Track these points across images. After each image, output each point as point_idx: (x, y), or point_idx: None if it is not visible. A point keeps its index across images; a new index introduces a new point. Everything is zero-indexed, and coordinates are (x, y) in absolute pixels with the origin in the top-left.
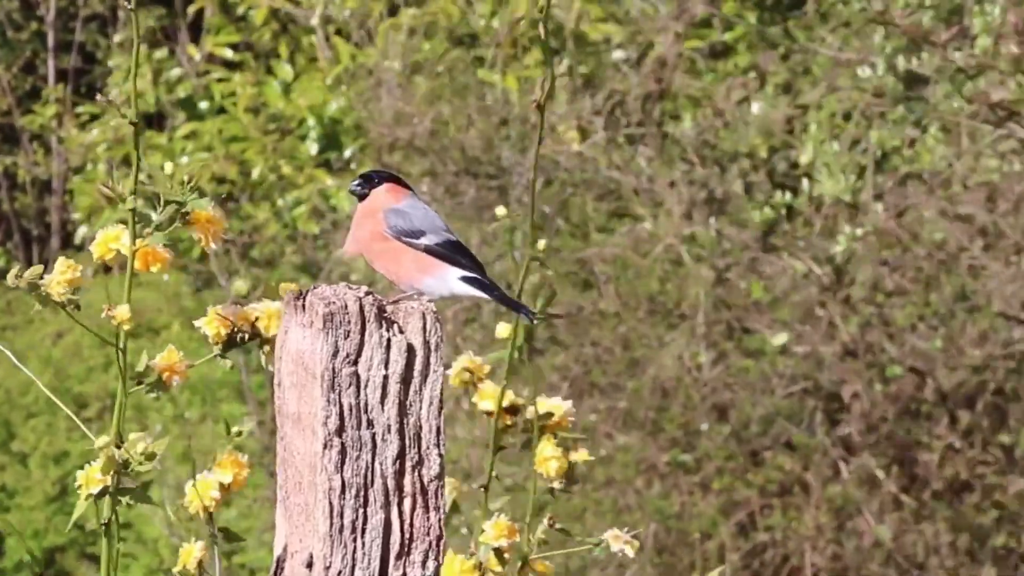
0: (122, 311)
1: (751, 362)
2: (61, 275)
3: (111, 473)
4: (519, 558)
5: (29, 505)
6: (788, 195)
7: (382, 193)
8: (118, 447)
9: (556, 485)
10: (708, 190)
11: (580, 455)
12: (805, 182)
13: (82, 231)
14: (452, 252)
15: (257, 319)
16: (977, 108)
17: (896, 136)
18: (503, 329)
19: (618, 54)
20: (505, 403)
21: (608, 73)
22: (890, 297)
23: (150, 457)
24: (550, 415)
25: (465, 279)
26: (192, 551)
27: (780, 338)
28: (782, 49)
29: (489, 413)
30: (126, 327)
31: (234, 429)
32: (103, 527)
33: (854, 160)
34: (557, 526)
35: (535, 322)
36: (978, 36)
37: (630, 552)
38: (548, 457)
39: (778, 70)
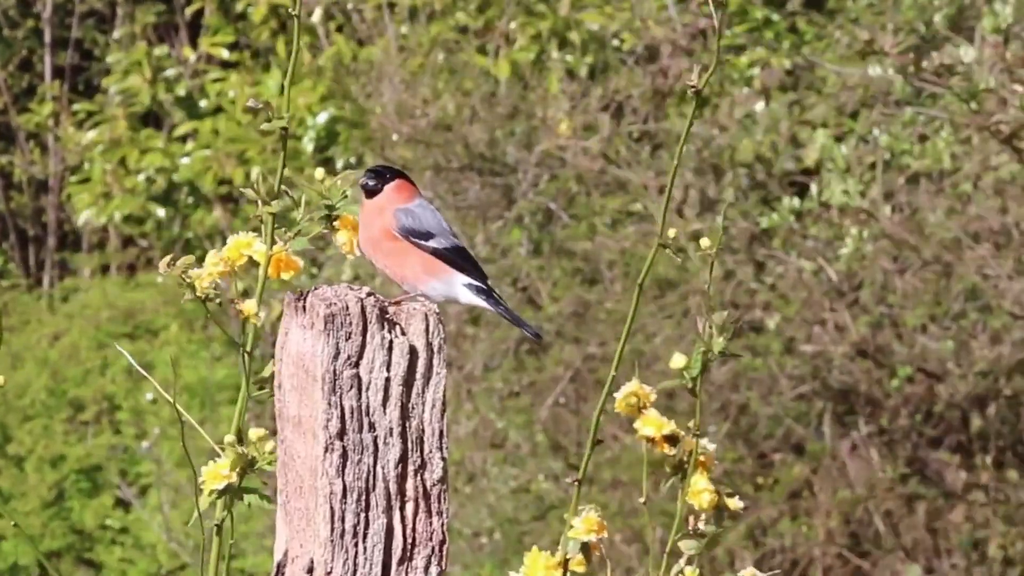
0: (249, 304)
1: (760, 361)
2: (212, 267)
3: (237, 470)
4: None
5: (25, 510)
6: (796, 200)
7: (392, 190)
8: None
9: (702, 524)
10: (702, 192)
11: (732, 502)
12: (813, 187)
13: (85, 216)
14: (459, 258)
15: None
16: (983, 121)
17: (905, 141)
18: (678, 360)
19: (617, 42)
20: (666, 431)
21: (613, 63)
22: (894, 294)
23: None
24: (703, 451)
25: (471, 287)
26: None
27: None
28: (786, 55)
29: (650, 440)
30: (253, 321)
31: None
32: (216, 527)
33: (863, 159)
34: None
35: (540, 340)
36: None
37: None
38: (702, 490)
39: (783, 62)
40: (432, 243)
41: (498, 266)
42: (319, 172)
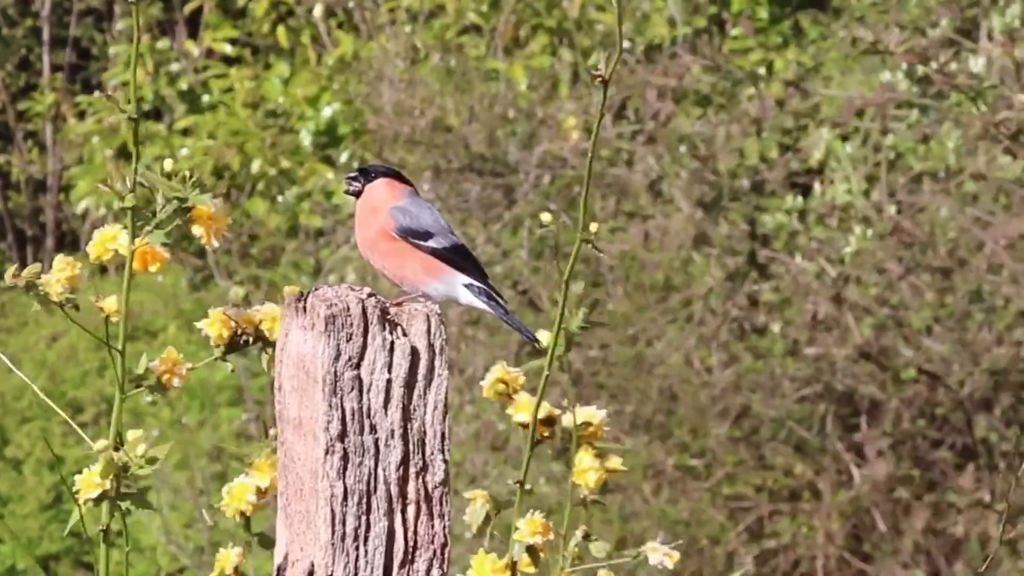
0: (110, 302)
1: (761, 363)
2: (60, 273)
3: (110, 477)
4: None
5: (23, 513)
6: (800, 200)
7: (381, 189)
8: (117, 450)
9: (591, 496)
10: (702, 194)
11: (613, 463)
12: (817, 186)
13: (84, 204)
14: (459, 257)
15: (261, 321)
16: (990, 118)
17: (910, 140)
18: (543, 336)
19: (627, 44)
20: (541, 415)
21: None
22: (897, 293)
23: (150, 461)
24: (587, 424)
25: (472, 288)
26: (229, 556)
27: None
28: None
29: (524, 425)
30: (115, 319)
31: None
32: (101, 533)
33: (868, 159)
34: (593, 538)
35: (539, 346)
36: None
37: (669, 564)
38: (587, 468)
39: (788, 63)
40: (431, 243)
41: (499, 268)
42: (168, 163)
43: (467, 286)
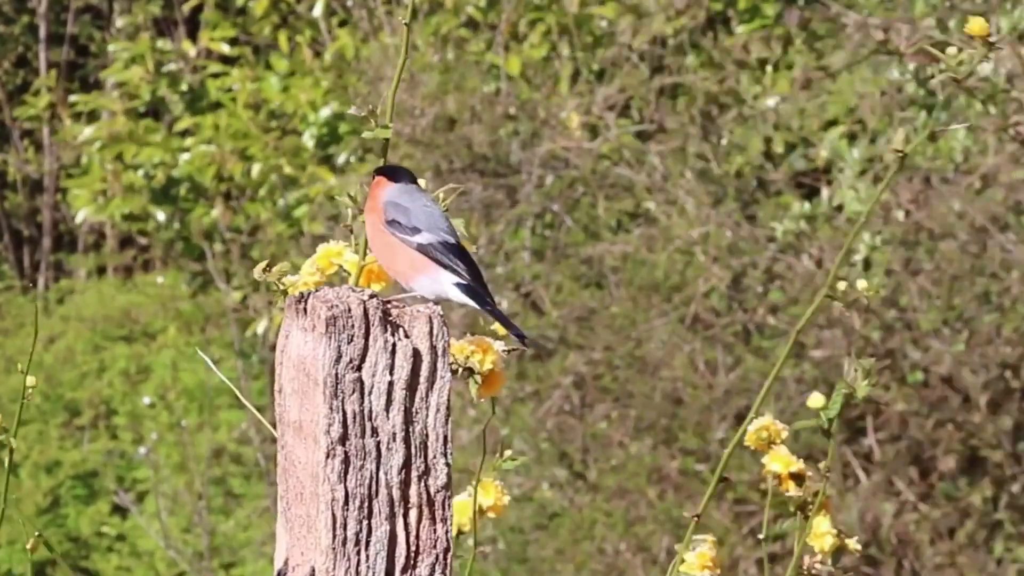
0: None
1: (766, 365)
2: (309, 276)
3: None
4: None
5: (20, 517)
6: (807, 205)
7: (375, 186)
8: None
9: (819, 565)
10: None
11: (852, 543)
12: (824, 191)
13: (81, 215)
14: (446, 254)
15: (471, 354)
16: (1003, 123)
17: (920, 143)
18: (816, 400)
19: (624, 38)
20: (793, 469)
21: (617, 59)
22: (904, 294)
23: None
24: (828, 496)
25: (459, 286)
26: None
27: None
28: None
29: (776, 476)
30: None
31: (507, 454)
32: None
33: (875, 156)
34: None
35: (527, 343)
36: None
37: None
38: (824, 532)
39: (798, 53)
40: (418, 238)
41: (500, 270)
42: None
43: (455, 284)
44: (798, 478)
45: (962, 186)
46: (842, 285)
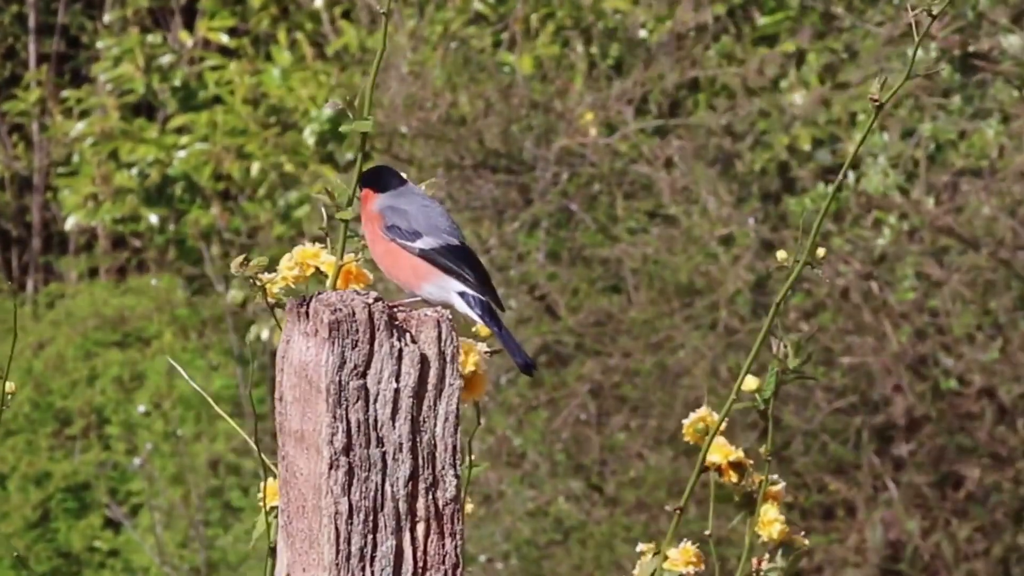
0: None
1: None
2: (288, 270)
3: None
4: None
5: (7, 531)
6: (829, 188)
7: (366, 194)
8: None
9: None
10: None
11: (798, 539)
12: (851, 175)
13: (71, 221)
14: (450, 259)
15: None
16: None
17: (950, 131)
18: (751, 382)
19: (642, 33)
20: (733, 459)
21: (637, 54)
22: (936, 296)
23: None
24: (774, 483)
25: (465, 297)
26: None
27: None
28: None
29: (717, 468)
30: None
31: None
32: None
33: (905, 152)
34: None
35: (533, 373)
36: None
37: None
38: (772, 520)
39: (820, 49)
40: (419, 243)
41: (513, 272)
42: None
43: (460, 294)
44: (739, 467)
45: (993, 185)
46: (822, 251)
